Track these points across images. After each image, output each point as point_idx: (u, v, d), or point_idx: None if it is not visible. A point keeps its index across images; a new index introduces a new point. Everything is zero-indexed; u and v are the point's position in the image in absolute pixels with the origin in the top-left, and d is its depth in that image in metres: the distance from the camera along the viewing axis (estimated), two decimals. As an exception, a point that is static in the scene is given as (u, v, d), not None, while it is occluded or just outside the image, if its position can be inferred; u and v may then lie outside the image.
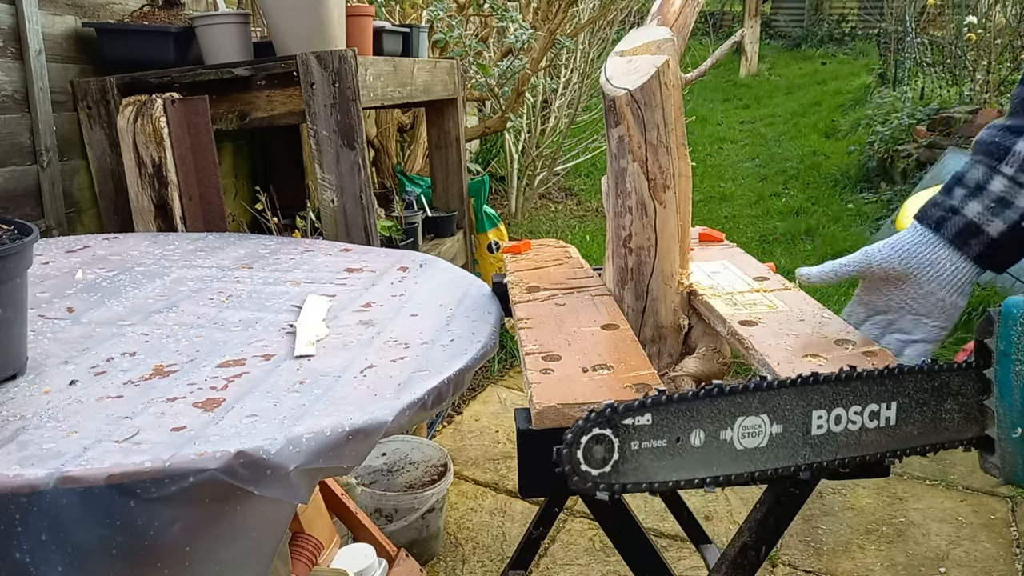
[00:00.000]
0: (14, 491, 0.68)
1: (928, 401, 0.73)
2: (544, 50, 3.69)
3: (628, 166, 0.99)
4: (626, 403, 0.63)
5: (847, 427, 0.70)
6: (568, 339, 0.92)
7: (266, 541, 0.79)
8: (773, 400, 0.68)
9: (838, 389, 0.70)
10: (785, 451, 0.69)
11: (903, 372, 0.72)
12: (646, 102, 0.95)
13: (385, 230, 2.47)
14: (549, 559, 1.90)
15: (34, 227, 0.91)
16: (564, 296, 1.10)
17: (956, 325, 0.89)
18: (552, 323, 0.98)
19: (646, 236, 1.00)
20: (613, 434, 0.63)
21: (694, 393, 0.66)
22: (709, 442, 0.67)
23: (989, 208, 0.80)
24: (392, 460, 2.06)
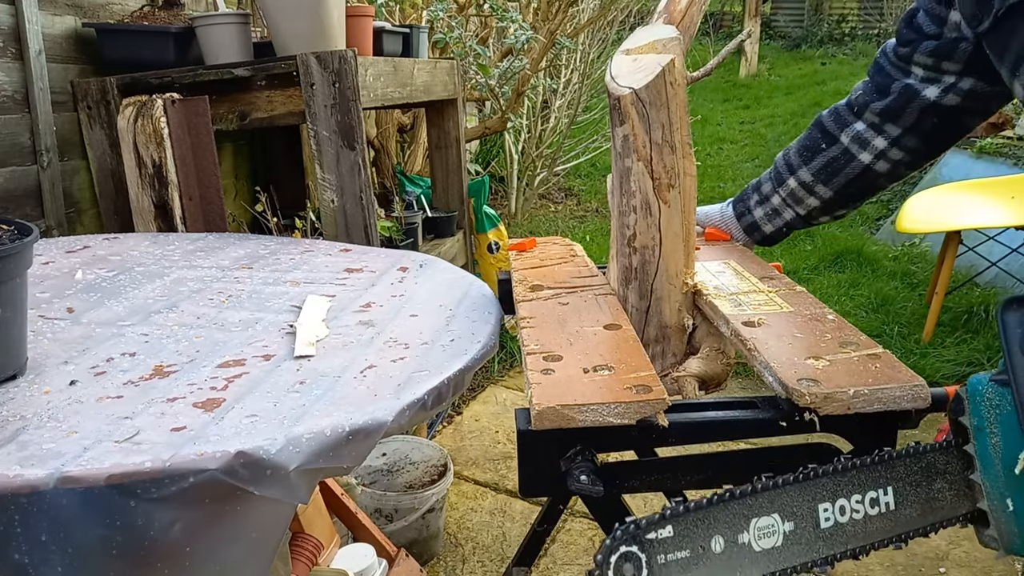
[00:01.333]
0: (14, 491, 0.68)
1: (920, 482, 0.74)
2: (544, 50, 3.69)
3: (633, 165, 0.99)
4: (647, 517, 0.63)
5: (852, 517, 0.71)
6: (570, 339, 0.92)
7: (266, 541, 0.79)
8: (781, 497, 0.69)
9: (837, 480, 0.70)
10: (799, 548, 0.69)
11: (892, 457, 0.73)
12: (651, 101, 0.95)
13: (385, 230, 2.47)
14: (549, 559, 1.90)
15: (34, 227, 0.91)
16: (568, 295, 1.09)
17: None
18: (554, 322, 0.98)
19: (650, 235, 1.00)
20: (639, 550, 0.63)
21: (708, 500, 0.66)
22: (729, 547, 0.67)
23: (767, 215, 1.25)
24: (392, 460, 2.06)
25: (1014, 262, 3.26)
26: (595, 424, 0.74)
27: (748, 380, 2.82)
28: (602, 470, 0.77)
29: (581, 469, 0.75)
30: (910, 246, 3.96)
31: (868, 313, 3.19)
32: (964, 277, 3.35)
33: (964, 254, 3.24)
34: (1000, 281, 3.30)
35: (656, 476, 0.80)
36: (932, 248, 3.79)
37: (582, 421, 0.74)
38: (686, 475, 0.80)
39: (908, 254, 3.90)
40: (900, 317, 3.13)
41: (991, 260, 3.29)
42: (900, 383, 0.73)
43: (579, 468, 0.75)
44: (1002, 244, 3.27)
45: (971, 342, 2.85)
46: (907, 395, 0.73)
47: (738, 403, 0.79)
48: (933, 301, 2.96)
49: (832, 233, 4.31)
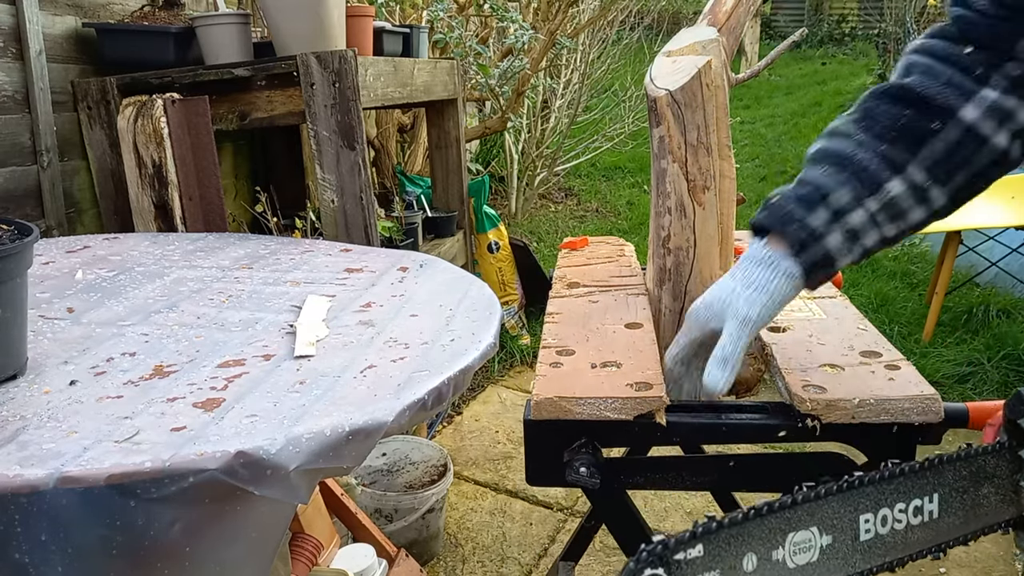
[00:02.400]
0: (14, 491, 0.68)
1: (967, 488, 0.71)
2: (544, 50, 3.69)
3: (668, 167, 0.98)
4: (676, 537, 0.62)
5: (893, 527, 0.68)
6: (588, 335, 0.92)
7: (266, 541, 0.79)
8: (821, 510, 0.66)
9: (882, 488, 0.68)
10: (836, 562, 0.66)
11: (942, 462, 0.70)
12: (686, 103, 0.94)
13: (385, 230, 2.47)
14: (548, 559, 1.90)
15: (34, 227, 0.91)
16: (601, 293, 1.10)
17: None
18: (579, 319, 0.99)
19: (685, 237, 0.99)
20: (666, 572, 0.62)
21: (744, 515, 0.63)
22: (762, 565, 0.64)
23: (845, 241, 0.74)
24: (392, 460, 2.06)
25: (1014, 262, 3.26)
26: (592, 418, 0.74)
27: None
28: (605, 465, 0.77)
29: (581, 461, 0.75)
30: (910, 246, 3.97)
31: (868, 313, 3.18)
32: (964, 277, 3.35)
33: (964, 254, 3.24)
34: (1000, 281, 3.30)
35: (660, 475, 0.80)
36: (932, 248, 3.80)
37: (579, 414, 0.74)
38: (690, 476, 0.80)
39: (908, 254, 3.90)
40: (900, 317, 3.13)
41: (991, 260, 3.29)
42: (911, 395, 0.71)
43: (579, 460, 0.75)
44: (1002, 244, 3.27)
45: (971, 342, 2.85)
46: (917, 408, 0.71)
47: (748, 407, 0.78)
48: (933, 301, 2.96)
49: (832, 233, 4.31)
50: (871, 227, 0.74)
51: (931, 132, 0.72)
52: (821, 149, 0.77)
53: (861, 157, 0.73)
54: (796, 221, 0.74)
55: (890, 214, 0.74)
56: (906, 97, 0.74)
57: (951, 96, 0.72)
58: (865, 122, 0.75)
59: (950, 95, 0.72)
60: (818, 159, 0.76)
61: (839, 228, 0.73)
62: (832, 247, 0.74)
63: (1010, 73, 0.71)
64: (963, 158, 0.72)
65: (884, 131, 0.73)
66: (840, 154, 0.74)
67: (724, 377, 0.71)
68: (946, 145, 0.72)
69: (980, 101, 0.71)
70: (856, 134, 0.74)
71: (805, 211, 0.74)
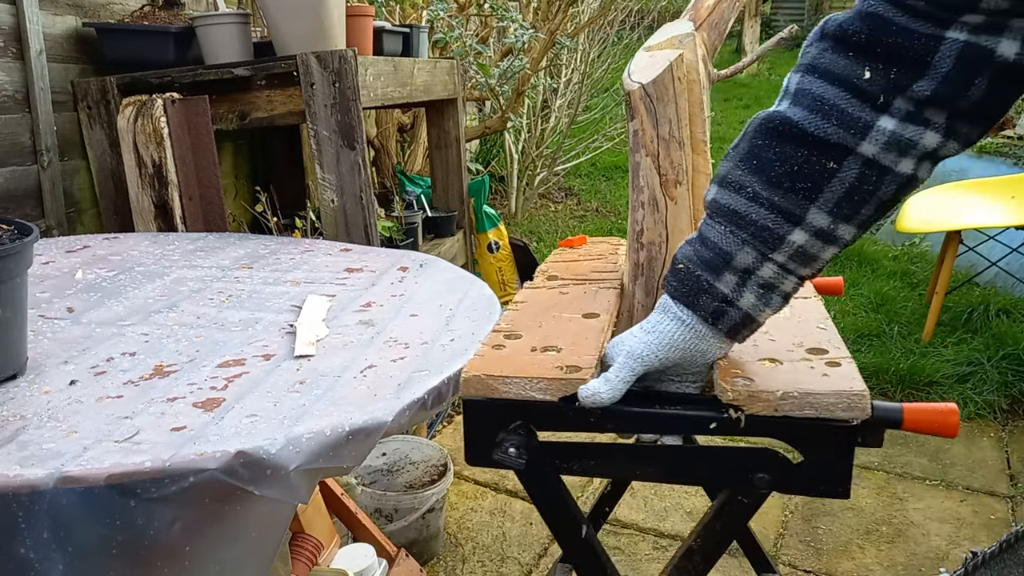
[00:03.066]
0: (14, 491, 0.68)
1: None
2: (544, 50, 3.69)
3: (641, 160, 0.98)
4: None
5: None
6: (542, 322, 0.92)
7: (266, 541, 0.79)
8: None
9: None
10: None
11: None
12: (658, 96, 0.95)
13: (385, 230, 2.47)
14: (549, 559, 1.90)
15: (34, 227, 0.92)
16: (574, 286, 1.09)
17: None
18: (540, 308, 0.98)
19: (657, 232, 0.99)
20: None
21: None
22: None
23: (760, 296, 0.73)
24: (392, 460, 2.06)
25: (1014, 262, 3.26)
26: (518, 397, 0.74)
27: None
28: (539, 448, 0.76)
29: (511, 442, 0.75)
30: (910, 246, 3.97)
31: (868, 313, 3.19)
32: (964, 277, 3.35)
33: (964, 254, 3.24)
34: (1000, 281, 3.30)
35: (595, 461, 0.78)
36: (932, 248, 3.80)
37: (505, 392, 0.74)
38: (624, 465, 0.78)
39: (908, 254, 3.90)
40: (900, 317, 3.13)
41: (991, 260, 3.29)
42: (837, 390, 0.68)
43: (509, 441, 0.75)
44: (1002, 244, 3.27)
45: (971, 342, 2.85)
46: (842, 403, 0.68)
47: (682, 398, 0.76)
48: (933, 301, 2.96)
49: (832, 233, 4.31)
50: (784, 275, 0.72)
51: (828, 173, 0.67)
52: (716, 201, 0.73)
53: (756, 216, 0.70)
54: (705, 292, 0.73)
55: (800, 261, 0.71)
56: (797, 137, 0.67)
57: (846, 135, 0.66)
58: (755, 165, 0.70)
59: (844, 134, 0.66)
60: (714, 213, 0.73)
61: (751, 286, 0.72)
62: (748, 307, 0.73)
63: (918, 94, 0.63)
64: (867, 192, 0.67)
65: (778, 178, 0.68)
66: (735, 211, 0.71)
67: (602, 391, 0.73)
68: (847, 184, 0.67)
69: (878, 135, 0.65)
70: (748, 184, 0.70)
71: (713, 277, 0.73)
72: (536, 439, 0.76)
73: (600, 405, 0.73)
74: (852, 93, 0.65)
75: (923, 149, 0.66)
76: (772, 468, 0.71)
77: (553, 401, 0.74)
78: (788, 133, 0.68)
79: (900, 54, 0.63)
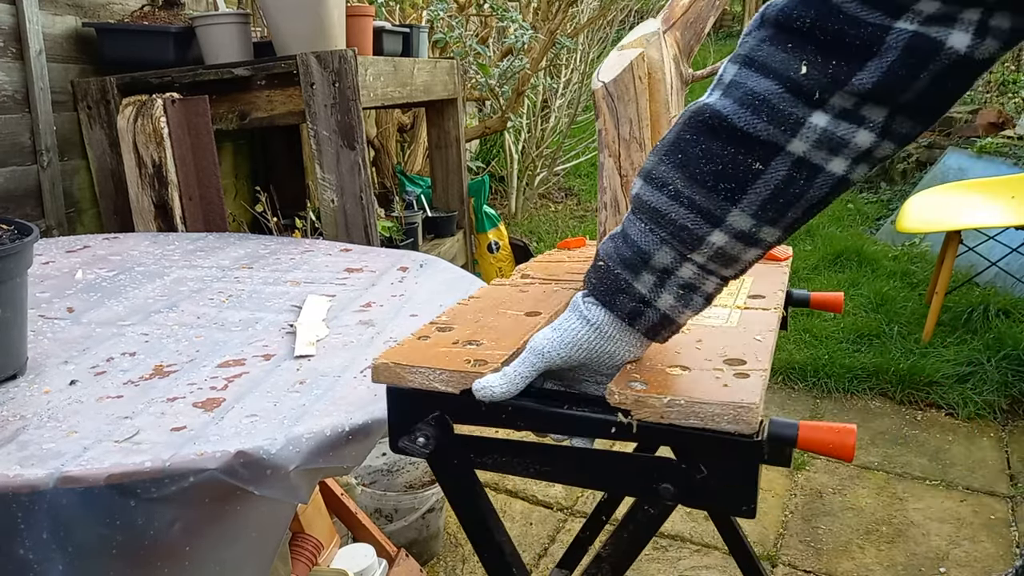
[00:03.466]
0: (14, 491, 0.68)
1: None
2: (544, 50, 3.69)
3: (605, 160, 0.97)
4: None
5: None
6: (481, 318, 0.90)
7: (266, 541, 0.79)
8: None
9: None
10: None
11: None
12: (619, 95, 0.93)
13: (385, 230, 2.47)
14: (549, 559, 1.90)
15: (34, 227, 0.92)
16: (540, 285, 1.07)
17: None
18: (489, 304, 0.96)
19: None
20: None
21: None
22: None
23: (680, 297, 0.70)
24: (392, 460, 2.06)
25: (1014, 262, 3.27)
26: (422, 387, 0.73)
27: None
28: (453, 440, 0.76)
29: (422, 432, 0.75)
30: (910, 246, 3.97)
31: (868, 313, 3.19)
32: (964, 277, 3.35)
33: (964, 254, 3.24)
34: (1000, 281, 3.30)
35: (507, 458, 0.76)
36: (932, 248, 3.80)
37: (411, 381, 0.73)
38: (535, 463, 0.76)
39: (908, 254, 3.90)
40: (900, 317, 3.13)
41: (991, 260, 3.29)
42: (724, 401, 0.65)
43: (420, 431, 0.75)
44: (1002, 244, 3.28)
45: (971, 342, 2.85)
46: (728, 415, 0.64)
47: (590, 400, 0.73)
48: (933, 301, 2.96)
49: (832, 233, 4.31)
50: (705, 276, 0.69)
51: (754, 174, 0.64)
52: (639, 197, 0.70)
53: (676, 214, 0.67)
54: (623, 292, 0.70)
55: (720, 262, 0.68)
56: (725, 132, 0.64)
57: (776, 132, 0.62)
58: (680, 160, 0.67)
59: (774, 130, 0.62)
60: (636, 209, 0.71)
61: (670, 287, 0.69)
62: (666, 308, 0.70)
63: (858, 87, 0.60)
64: (794, 195, 0.64)
65: (701, 176, 0.66)
66: (656, 209, 0.68)
67: (495, 385, 0.71)
68: (772, 186, 0.64)
69: (808, 132, 0.62)
70: (671, 181, 0.67)
71: (631, 276, 0.70)
72: (451, 431, 0.76)
73: (493, 400, 0.72)
74: (786, 88, 0.62)
75: (856, 148, 0.63)
76: (675, 479, 0.68)
77: (456, 393, 0.73)
78: (716, 127, 0.65)
79: (843, 43, 0.59)
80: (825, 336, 2.98)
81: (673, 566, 1.85)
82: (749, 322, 0.90)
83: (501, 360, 0.75)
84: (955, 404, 2.56)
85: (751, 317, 0.92)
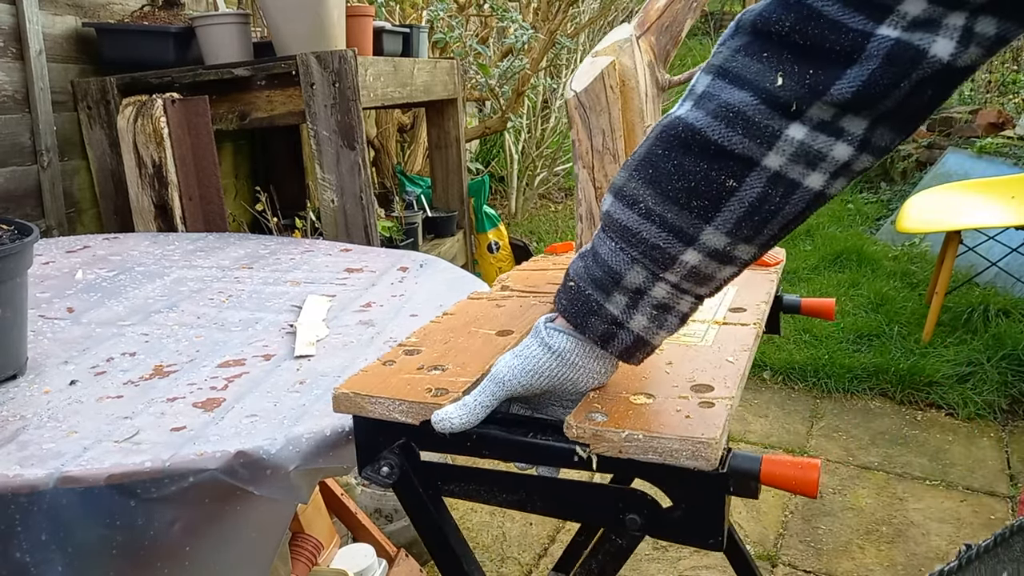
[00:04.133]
0: (14, 491, 0.68)
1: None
2: (544, 50, 3.69)
3: (579, 172, 0.94)
4: None
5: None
6: (451, 338, 0.87)
7: (266, 541, 0.79)
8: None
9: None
10: None
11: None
12: (591, 106, 0.90)
13: (385, 230, 2.47)
14: (549, 559, 1.90)
15: (34, 227, 0.92)
16: (520, 299, 1.04)
17: None
18: (461, 322, 0.92)
19: None
20: None
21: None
22: None
23: (653, 318, 0.67)
24: (392, 460, 2.06)
25: (1014, 262, 3.26)
26: (383, 417, 0.72)
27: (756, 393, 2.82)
28: (418, 468, 0.75)
29: (387, 461, 0.74)
30: (910, 246, 3.97)
31: (868, 313, 3.19)
32: (964, 277, 3.35)
33: (964, 254, 3.24)
34: (1000, 281, 3.30)
35: (473, 486, 0.74)
36: (932, 248, 3.80)
37: (371, 412, 0.72)
38: (501, 492, 0.75)
39: (908, 254, 3.90)
40: (900, 317, 3.13)
41: (991, 260, 3.29)
42: (683, 436, 0.63)
43: (385, 460, 0.74)
44: (1002, 244, 3.28)
45: (971, 342, 2.85)
46: (687, 451, 0.63)
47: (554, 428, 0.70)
48: (933, 301, 2.96)
49: (832, 233, 4.31)
50: (679, 296, 0.67)
51: (727, 191, 0.61)
52: (609, 215, 0.68)
53: (647, 233, 0.64)
54: (594, 314, 0.68)
55: (695, 281, 0.66)
56: (698, 147, 0.61)
57: (751, 145, 0.60)
58: (651, 175, 0.64)
59: (749, 143, 0.60)
60: (607, 227, 0.68)
61: (643, 307, 0.67)
62: (639, 329, 0.68)
63: (837, 96, 0.57)
64: (769, 212, 0.62)
65: (674, 193, 0.63)
66: (627, 228, 0.65)
67: (454, 417, 0.69)
68: (747, 204, 0.61)
69: (785, 145, 0.59)
70: (642, 198, 0.64)
71: (602, 298, 0.67)
72: (417, 458, 0.74)
73: (453, 431, 0.69)
74: (762, 100, 0.59)
75: (834, 162, 0.60)
76: (642, 510, 0.67)
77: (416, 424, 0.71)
78: (688, 141, 0.62)
79: (822, 50, 0.57)
80: (825, 336, 2.98)
81: (673, 566, 1.85)
82: (724, 340, 0.87)
83: (463, 388, 0.73)
84: (955, 404, 2.56)
85: (727, 335, 0.89)
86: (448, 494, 0.77)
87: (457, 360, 0.81)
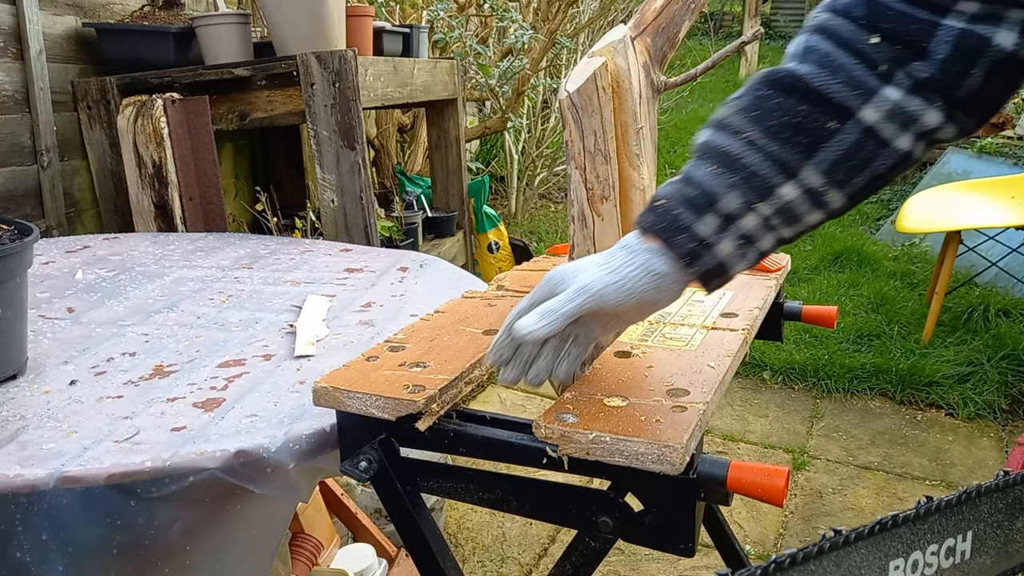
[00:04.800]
0: (14, 491, 0.68)
1: (1001, 523, 0.65)
2: (544, 50, 3.69)
3: (572, 173, 0.94)
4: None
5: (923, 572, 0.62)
6: (438, 336, 0.88)
7: (266, 541, 0.79)
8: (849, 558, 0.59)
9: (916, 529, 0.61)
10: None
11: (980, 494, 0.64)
12: (582, 106, 0.89)
13: (385, 230, 2.47)
14: (549, 559, 1.90)
15: (34, 227, 0.92)
16: (511, 298, 1.04)
17: None
18: (450, 320, 0.94)
19: (585, 249, 0.93)
20: None
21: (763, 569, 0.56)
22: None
23: (738, 247, 0.68)
24: (392, 460, 2.06)
25: (1014, 262, 3.26)
26: (360, 412, 0.72)
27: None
28: (397, 464, 0.75)
29: (365, 455, 0.74)
30: (910, 246, 3.97)
31: (868, 313, 3.19)
32: (964, 277, 3.35)
33: (964, 254, 3.24)
34: (1000, 281, 3.30)
35: (451, 484, 0.75)
36: (932, 248, 3.80)
37: (350, 406, 0.72)
38: (478, 491, 0.74)
39: (908, 254, 3.90)
40: (900, 317, 3.13)
41: (991, 260, 3.29)
42: (649, 440, 0.63)
43: (364, 455, 0.74)
44: (1002, 244, 3.27)
45: (971, 342, 2.85)
46: (653, 454, 0.63)
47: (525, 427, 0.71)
48: (933, 301, 2.96)
49: (832, 233, 4.31)
50: (766, 231, 0.68)
51: (828, 133, 0.65)
52: (708, 143, 0.69)
53: (751, 159, 0.66)
54: (684, 231, 0.68)
55: (785, 218, 0.68)
56: (801, 91, 0.65)
57: (850, 95, 0.64)
58: (755, 114, 0.67)
59: (848, 94, 0.64)
60: (705, 155, 0.69)
61: (731, 235, 0.67)
62: (724, 255, 0.68)
63: (916, 74, 0.63)
64: (862, 161, 0.65)
65: (776, 128, 0.66)
66: (728, 154, 0.67)
67: (539, 325, 0.68)
68: (844, 148, 0.65)
69: (881, 102, 0.64)
70: (746, 130, 0.67)
71: (693, 217, 0.68)
72: (396, 454, 0.75)
73: (536, 339, 0.68)
74: (859, 57, 0.64)
75: (923, 126, 0.64)
76: (614, 513, 0.67)
77: (392, 420, 0.71)
78: (793, 86, 0.66)
79: (899, 37, 0.63)
80: (825, 336, 2.98)
81: (673, 566, 1.85)
82: (709, 345, 0.87)
83: (439, 386, 0.73)
84: (955, 404, 2.56)
85: (714, 339, 0.89)
86: (426, 490, 0.77)
87: (439, 357, 0.82)
